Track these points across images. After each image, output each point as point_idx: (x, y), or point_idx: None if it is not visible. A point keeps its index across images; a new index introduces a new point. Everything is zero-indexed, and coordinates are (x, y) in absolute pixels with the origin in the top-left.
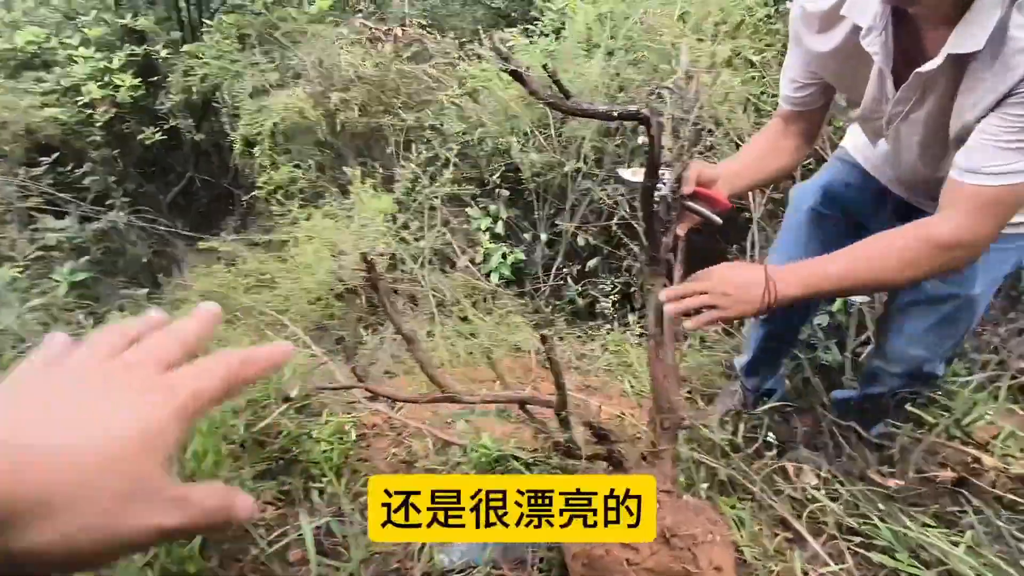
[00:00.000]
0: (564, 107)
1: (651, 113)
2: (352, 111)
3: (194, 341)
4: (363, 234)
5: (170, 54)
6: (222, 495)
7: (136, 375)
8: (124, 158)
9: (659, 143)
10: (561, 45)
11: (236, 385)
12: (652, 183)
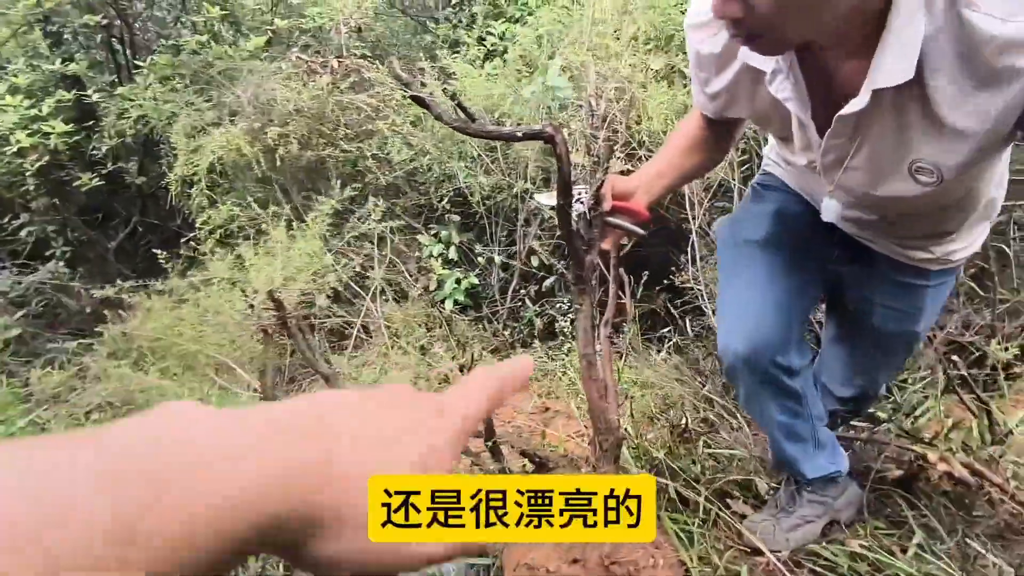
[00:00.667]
0: (470, 130)
1: (555, 131)
2: (292, 145)
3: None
4: (296, 271)
5: (103, 97)
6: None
7: (417, 403)
8: (64, 206)
9: (567, 161)
10: (503, 68)
11: (498, 404)
12: (566, 202)
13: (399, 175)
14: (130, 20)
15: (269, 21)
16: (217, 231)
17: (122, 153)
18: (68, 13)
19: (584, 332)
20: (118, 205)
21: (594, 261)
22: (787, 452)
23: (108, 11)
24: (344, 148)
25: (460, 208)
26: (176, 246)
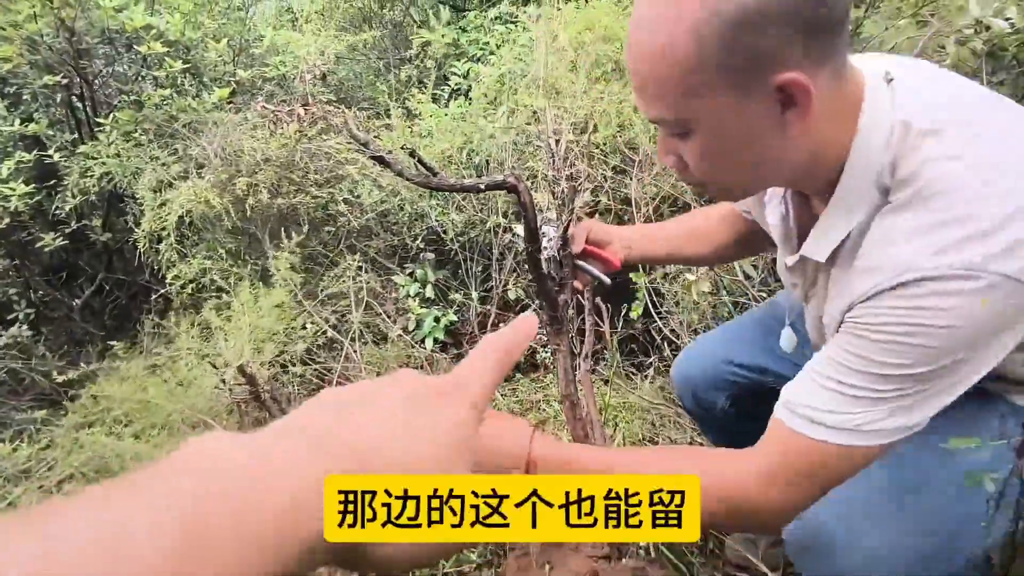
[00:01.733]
0: (432, 184)
1: (517, 180)
2: (261, 194)
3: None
4: (265, 335)
5: (65, 156)
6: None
7: (437, 385)
8: (26, 268)
9: (532, 207)
10: (468, 107)
11: (508, 367)
12: (534, 248)
13: (371, 216)
14: (90, 78)
15: (231, 72)
16: (188, 286)
17: (86, 210)
18: (26, 75)
19: (564, 372)
20: (82, 263)
21: (567, 300)
22: None
23: (67, 70)
24: (315, 194)
25: (434, 246)
26: (145, 301)
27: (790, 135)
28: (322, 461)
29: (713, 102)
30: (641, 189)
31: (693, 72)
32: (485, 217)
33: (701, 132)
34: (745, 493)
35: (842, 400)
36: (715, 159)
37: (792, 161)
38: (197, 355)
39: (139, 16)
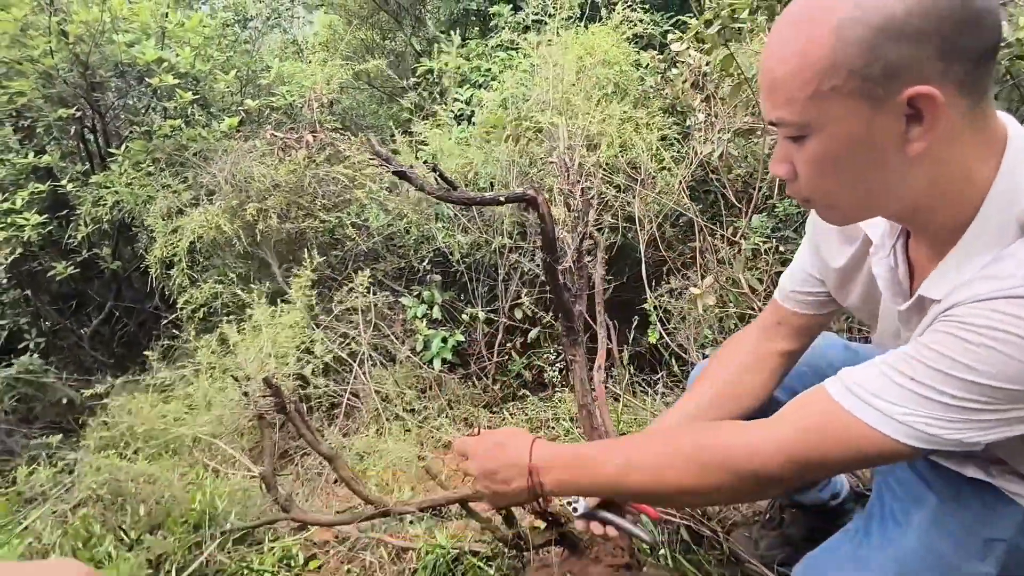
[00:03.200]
0: (452, 198)
1: (536, 193)
2: (271, 219)
3: None
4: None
5: (77, 187)
6: None
7: None
8: (37, 297)
9: (550, 219)
10: (472, 132)
11: None
12: (552, 258)
13: (378, 240)
14: (102, 110)
15: (239, 102)
16: (200, 310)
17: (96, 239)
18: (40, 108)
19: (580, 383)
20: (92, 291)
21: (582, 312)
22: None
23: (81, 103)
24: (323, 218)
25: (440, 267)
26: (154, 328)
27: (910, 154)
28: None
29: (840, 107)
30: (644, 207)
31: (827, 74)
32: (491, 238)
33: (819, 137)
34: (763, 464)
35: (905, 395)
36: (827, 168)
37: (909, 187)
38: (219, 369)
39: (151, 50)
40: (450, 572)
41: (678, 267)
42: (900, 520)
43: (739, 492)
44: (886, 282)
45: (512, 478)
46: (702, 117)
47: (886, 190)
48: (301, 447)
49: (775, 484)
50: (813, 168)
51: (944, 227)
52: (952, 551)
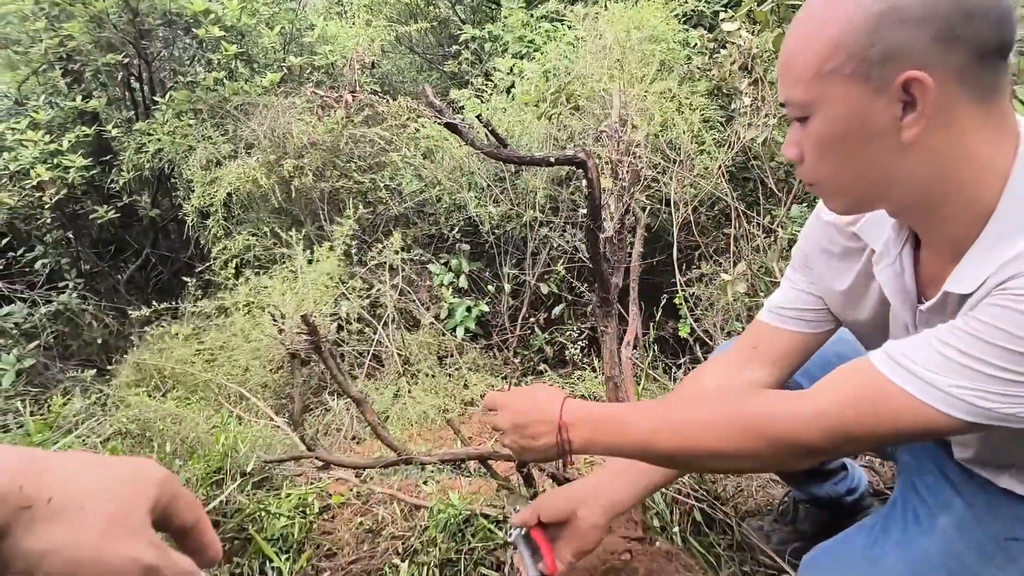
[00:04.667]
0: (502, 156)
1: (587, 156)
2: (306, 177)
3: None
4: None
5: (122, 133)
6: (193, 565)
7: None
8: (78, 239)
9: (598, 184)
10: (511, 103)
11: (194, 511)
12: (595, 225)
13: (409, 205)
14: (149, 58)
15: (282, 59)
16: (233, 260)
17: (136, 187)
18: (90, 52)
19: (610, 354)
20: (130, 238)
21: (618, 284)
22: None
23: (129, 50)
24: (357, 179)
25: (470, 237)
26: (187, 278)
27: (904, 140)
28: None
29: (840, 89)
30: (680, 189)
31: (829, 56)
32: (521, 211)
33: (821, 118)
34: (803, 433)
35: (957, 369)
36: (827, 149)
37: (908, 176)
38: (257, 306)
39: (199, 1)
40: (460, 532)
41: (710, 253)
42: (923, 522)
43: (774, 459)
44: (892, 289)
45: (541, 433)
46: (748, 101)
47: (885, 177)
48: (321, 402)
49: (812, 454)
50: (815, 149)
51: (959, 222)
52: (975, 559)
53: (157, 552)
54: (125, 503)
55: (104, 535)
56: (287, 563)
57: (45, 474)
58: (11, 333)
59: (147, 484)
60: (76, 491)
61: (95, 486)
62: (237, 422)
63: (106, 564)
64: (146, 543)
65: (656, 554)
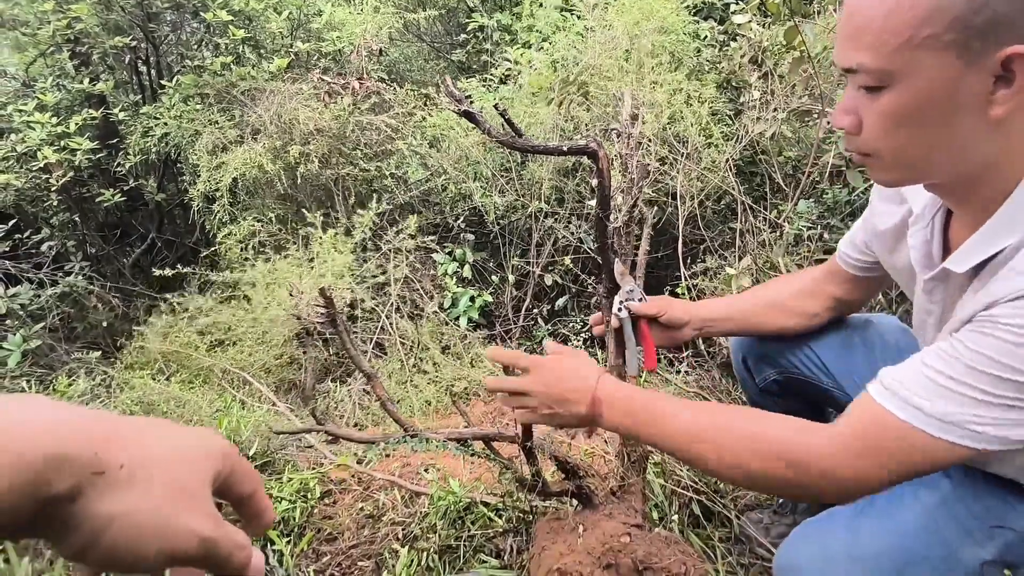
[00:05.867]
0: (517, 145)
1: (598, 147)
2: (312, 163)
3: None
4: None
5: (128, 116)
6: (247, 539)
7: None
8: (84, 222)
9: (608, 175)
10: (518, 92)
11: (253, 483)
12: (604, 214)
13: (415, 194)
14: (156, 42)
15: (290, 44)
16: (238, 245)
17: (142, 171)
18: (98, 35)
19: (614, 344)
20: (136, 222)
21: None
22: None
23: (136, 33)
24: (363, 167)
25: (475, 227)
26: (192, 263)
27: (991, 117)
28: (57, 406)
29: (931, 58)
30: (687, 183)
31: (926, 22)
32: (527, 202)
33: (901, 89)
34: (818, 459)
35: (948, 395)
36: (902, 122)
37: (976, 153)
38: (269, 287)
39: None
40: (460, 519)
41: (715, 247)
42: (907, 499)
43: (801, 489)
44: (919, 254)
45: (574, 401)
46: (757, 95)
47: (954, 152)
48: (321, 391)
49: (842, 488)
50: (886, 121)
51: (987, 199)
52: (954, 534)
53: (215, 524)
54: (190, 475)
55: (168, 505)
56: (288, 546)
57: (119, 440)
58: (17, 314)
59: (211, 456)
60: (146, 459)
61: (164, 455)
62: (240, 407)
63: (167, 533)
64: (205, 515)
65: (655, 539)
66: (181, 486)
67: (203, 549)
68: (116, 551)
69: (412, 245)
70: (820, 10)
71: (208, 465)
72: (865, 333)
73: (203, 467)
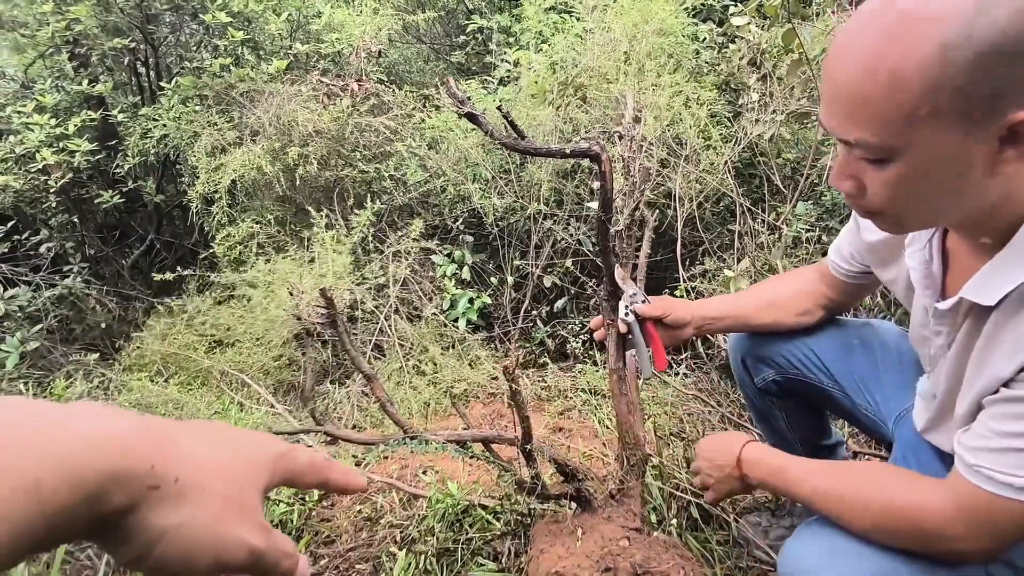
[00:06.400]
0: (520, 147)
1: (601, 150)
2: (311, 165)
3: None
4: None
5: (127, 117)
6: (294, 547)
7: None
8: (83, 223)
9: (611, 178)
10: (517, 94)
11: (319, 476)
12: (605, 217)
13: (414, 196)
14: (156, 44)
15: (289, 46)
16: (236, 247)
17: (141, 172)
18: (97, 36)
19: (616, 347)
20: (134, 223)
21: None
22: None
23: (135, 35)
24: (362, 168)
25: (474, 229)
26: (191, 264)
27: (998, 173)
28: (120, 416)
29: (935, 132)
30: (686, 185)
31: (927, 97)
32: (526, 204)
33: (906, 163)
34: (935, 523)
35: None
36: (911, 192)
37: (981, 201)
38: (268, 289)
39: None
40: (458, 522)
41: (714, 249)
42: None
43: (925, 550)
44: (919, 275)
45: (725, 467)
46: (756, 97)
47: (958, 206)
48: (319, 392)
49: (955, 548)
50: (890, 190)
51: (997, 229)
52: None
53: (264, 535)
54: (242, 486)
55: (220, 517)
56: None
57: (174, 452)
58: (15, 316)
59: (262, 465)
60: (200, 472)
61: (217, 467)
62: (238, 408)
63: (218, 545)
64: (255, 526)
65: (654, 543)
66: (233, 498)
67: (252, 559)
68: (168, 562)
69: (415, 247)
70: (818, 12)
71: (259, 475)
72: (865, 335)
73: (255, 477)
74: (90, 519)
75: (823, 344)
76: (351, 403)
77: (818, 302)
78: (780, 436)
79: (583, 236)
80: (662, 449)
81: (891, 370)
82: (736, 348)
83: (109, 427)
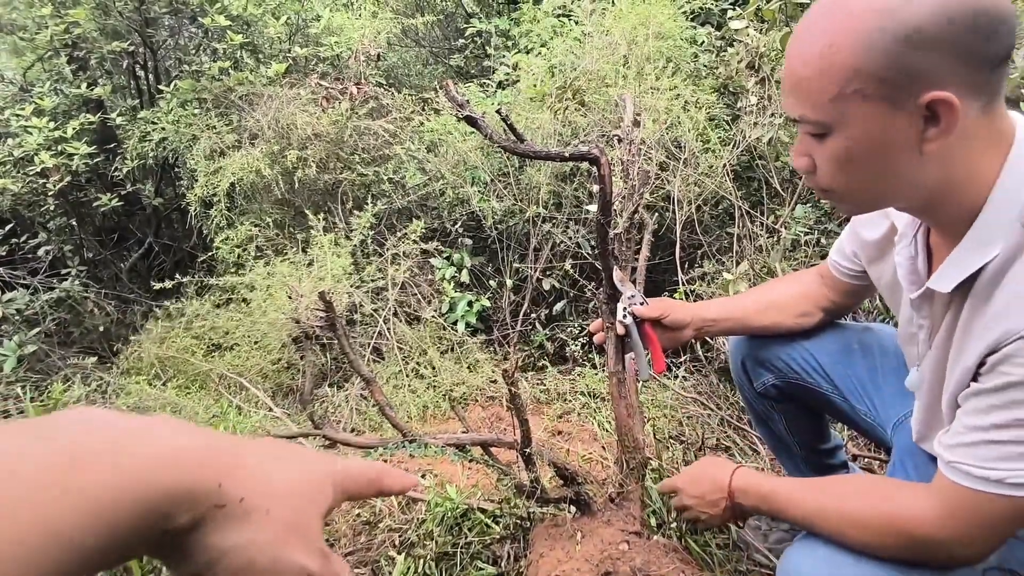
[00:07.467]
0: (519, 150)
1: (600, 153)
2: (310, 168)
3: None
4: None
5: (126, 121)
6: (349, 571)
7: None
8: (81, 227)
9: (610, 181)
10: (516, 98)
11: (375, 487)
12: (605, 220)
13: (413, 199)
14: (154, 47)
15: (288, 49)
16: (235, 250)
17: (140, 175)
18: (95, 40)
19: (615, 350)
20: (133, 226)
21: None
22: (784, 466)
23: (134, 38)
24: (361, 172)
25: (472, 232)
26: (189, 268)
27: (925, 151)
28: (187, 432)
29: (861, 109)
30: (684, 188)
31: (851, 79)
32: (524, 207)
33: (840, 136)
34: (925, 530)
35: (1003, 454)
36: (846, 164)
37: (922, 182)
38: (267, 292)
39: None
40: (457, 526)
41: (713, 252)
42: None
43: (916, 556)
44: (905, 271)
45: (714, 495)
46: (754, 100)
47: (899, 185)
48: (320, 396)
49: (951, 553)
50: (832, 164)
51: (953, 220)
52: None
53: (321, 560)
54: (304, 510)
55: (280, 541)
56: None
57: (241, 471)
58: (13, 319)
59: (325, 491)
60: (265, 492)
61: (281, 490)
62: (237, 412)
63: (277, 567)
64: (314, 550)
65: (653, 547)
66: (294, 521)
67: None
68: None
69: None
70: None
71: (321, 499)
72: (864, 340)
73: (317, 501)
74: (156, 534)
75: (823, 348)
76: (350, 406)
77: (818, 304)
78: (779, 440)
79: (582, 239)
80: (662, 452)
81: (890, 375)
82: (736, 351)
83: (179, 442)
